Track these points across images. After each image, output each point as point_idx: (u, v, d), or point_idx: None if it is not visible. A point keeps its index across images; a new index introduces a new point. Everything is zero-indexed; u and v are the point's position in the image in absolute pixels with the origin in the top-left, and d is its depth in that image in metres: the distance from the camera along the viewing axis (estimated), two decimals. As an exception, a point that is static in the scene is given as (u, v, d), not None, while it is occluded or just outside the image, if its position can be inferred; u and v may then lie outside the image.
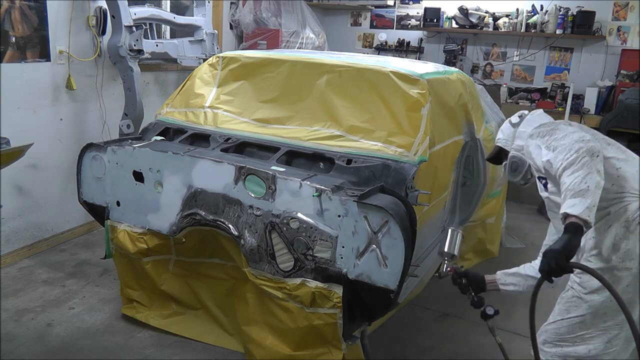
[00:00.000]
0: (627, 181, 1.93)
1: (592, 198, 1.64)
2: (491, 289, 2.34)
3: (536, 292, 1.83)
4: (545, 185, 2.11)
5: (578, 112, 5.53)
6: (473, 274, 2.28)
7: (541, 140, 1.96)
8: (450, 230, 2.22)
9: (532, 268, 2.29)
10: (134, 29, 3.74)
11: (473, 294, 2.23)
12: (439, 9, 6.39)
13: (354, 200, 2.10)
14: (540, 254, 2.32)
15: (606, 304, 1.93)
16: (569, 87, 5.59)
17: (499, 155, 2.39)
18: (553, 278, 1.70)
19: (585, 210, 1.62)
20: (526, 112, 2.33)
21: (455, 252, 2.18)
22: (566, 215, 1.66)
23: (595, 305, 1.94)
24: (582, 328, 1.99)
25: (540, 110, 2.32)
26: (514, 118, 2.33)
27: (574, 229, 1.63)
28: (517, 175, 2.24)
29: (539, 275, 2.25)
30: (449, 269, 2.24)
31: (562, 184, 1.73)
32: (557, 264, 1.62)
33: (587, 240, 1.96)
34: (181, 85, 3.15)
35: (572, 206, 1.64)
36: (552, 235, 2.26)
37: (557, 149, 1.82)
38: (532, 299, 1.85)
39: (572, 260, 1.66)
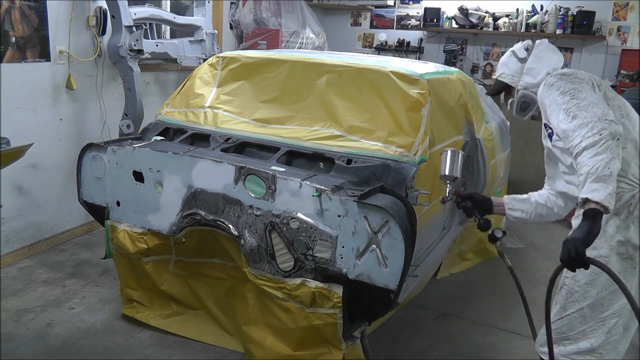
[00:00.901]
0: (630, 165, 1.89)
1: (613, 184, 1.62)
2: (498, 212, 2.28)
3: (554, 279, 1.79)
4: (550, 136, 2.04)
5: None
6: (478, 195, 2.18)
7: (561, 99, 1.86)
8: (449, 151, 2.08)
9: (540, 196, 2.25)
10: (134, 29, 3.74)
11: (479, 216, 2.13)
12: (439, 9, 6.39)
13: (354, 200, 2.10)
14: (545, 180, 2.26)
15: (602, 294, 1.93)
16: (569, 87, 5.57)
17: (501, 90, 2.29)
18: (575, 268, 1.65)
19: (607, 196, 1.60)
20: (530, 41, 2.21)
21: (457, 175, 2.07)
22: (586, 200, 1.63)
23: (592, 296, 1.95)
24: (582, 323, 1.99)
25: (545, 41, 2.21)
26: (520, 51, 2.19)
27: (594, 215, 1.61)
28: (526, 114, 2.18)
29: (548, 204, 2.21)
30: (452, 192, 2.13)
31: (582, 165, 1.68)
32: (577, 251, 1.59)
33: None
34: (181, 85, 3.15)
35: (594, 191, 1.61)
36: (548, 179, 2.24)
37: (577, 119, 1.76)
38: (549, 285, 1.82)
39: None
